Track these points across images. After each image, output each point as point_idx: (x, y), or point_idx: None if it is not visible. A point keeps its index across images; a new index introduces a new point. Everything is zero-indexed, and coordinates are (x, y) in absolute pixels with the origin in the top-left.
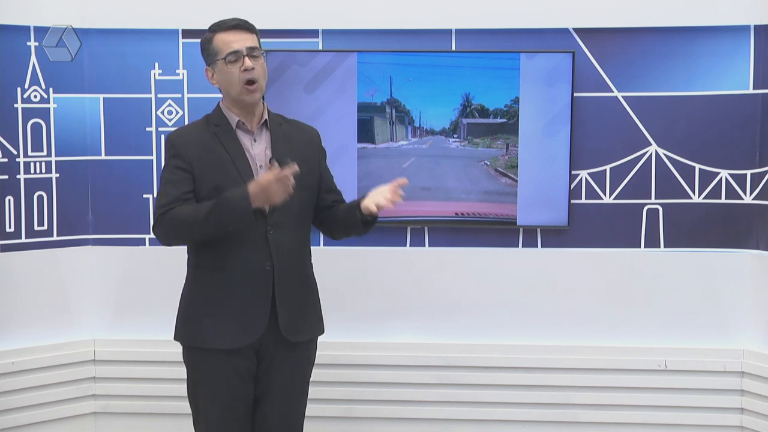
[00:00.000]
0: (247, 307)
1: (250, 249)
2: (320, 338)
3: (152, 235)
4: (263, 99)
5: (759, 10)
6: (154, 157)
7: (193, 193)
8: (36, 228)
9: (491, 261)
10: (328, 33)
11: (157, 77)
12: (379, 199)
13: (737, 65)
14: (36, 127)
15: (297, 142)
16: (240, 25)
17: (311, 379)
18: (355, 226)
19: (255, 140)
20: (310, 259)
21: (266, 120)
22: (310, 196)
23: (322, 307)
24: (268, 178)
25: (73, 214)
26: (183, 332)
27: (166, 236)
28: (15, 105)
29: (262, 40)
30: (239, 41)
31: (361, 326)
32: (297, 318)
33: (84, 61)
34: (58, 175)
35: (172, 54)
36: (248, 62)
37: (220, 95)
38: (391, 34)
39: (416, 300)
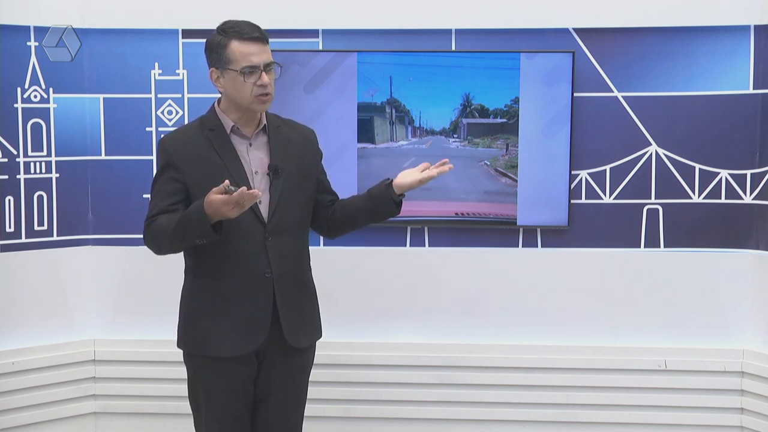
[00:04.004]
0: (249, 315)
1: (248, 256)
2: (321, 338)
3: None
4: None
5: (759, 10)
6: (154, 157)
7: (186, 202)
8: (36, 228)
9: (491, 261)
10: (328, 33)
11: (157, 77)
12: (413, 178)
13: (737, 65)
14: (36, 127)
15: (295, 146)
16: (260, 38)
17: (311, 379)
18: (384, 209)
19: (251, 145)
20: (309, 265)
21: (265, 125)
22: (308, 201)
23: (322, 308)
24: (218, 201)
25: (73, 214)
26: (186, 340)
27: (151, 247)
28: (15, 105)
29: None
30: (258, 55)
31: (361, 326)
32: (299, 324)
33: (84, 61)
34: (58, 175)
35: (172, 54)
36: (265, 78)
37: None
38: (391, 34)
39: (416, 300)
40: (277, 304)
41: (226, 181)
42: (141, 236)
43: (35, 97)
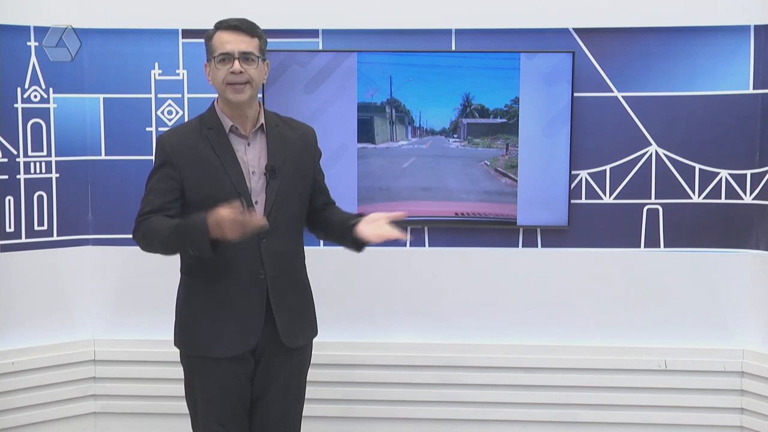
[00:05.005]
0: (243, 316)
1: (242, 257)
2: (320, 338)
3: None
4: (262, 103)
5: (759, 10)
6: (154, 157)
7: (181, 201)
8: (36, 228)
9: (491, 261)
10: (328, 33)
11: (157, 77)
12: (372, 232)
13: (737, 65)
14: (36, 127)
15: (293, 145)
16: (240, 27)
17: (310, 379)
18: (350, 245)
19: (249, 144)
20: (304, 263)
21: (262, 124)
22: (304, 201)
23: (322, 308)
24: (227, 215)
25: (73, 214)
26: (182, 340)
27: (141, 245)
28: (15, 105)
29: None
30: (234, 43)
31: (361, 326)
32: (294, 324)
33: (84, 61)
34: (58, 175)
35: (172, 54)
36: (237, 65)
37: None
38: (391, 34)
39: (416, 300)
40: (272, 305)
41: (238, 202)
42: None
43: (35, 97)
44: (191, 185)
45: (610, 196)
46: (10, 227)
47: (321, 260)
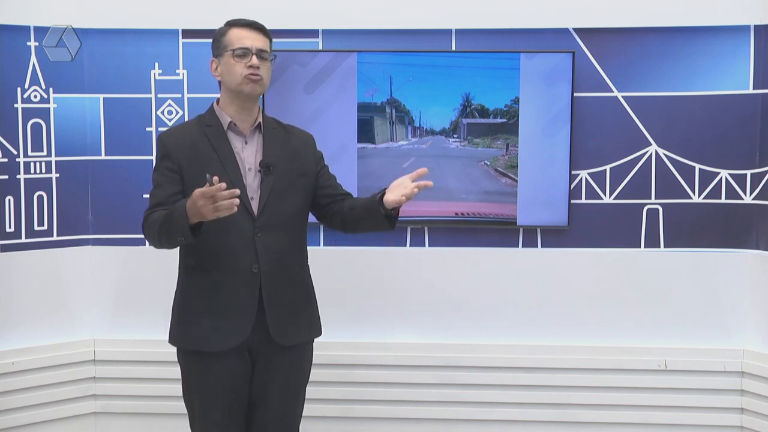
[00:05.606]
0: (235, 310)
1: (237, 251)
2: (320, 338)
3: None
4: (261, 104)
5: (759, 10)
6: (154, 157)
7: (183, 194)
8: (36, 228)
9: (491, 261)
10: (328, 33)
11: (157, 77)
12: (401, 190)
13: (737, 65)
14: (36, 127)
15: (291, 146)
16: (255, 26)
17: (311, 379)
18: (380, 222)
19: (246, 142)
20: (305, 261)
21: (260, 123)
22: (303, 199)
23: (322, 308)
24: (197, 191)
25: (73, 214)
26: (175, 335)
27: (147, 239)
28: (15, 105)
29: None
30: (251, 39)
31: (361, 326)
32: (288, 321)
33: (84, 61)
34: (58, 175)
35: (172, 54)
36: (255, 60)
37: (218, 96)
38: (391, 34)
39: (416, 300)
40: (264, 301)
41: (214, 177)
42: (141, 236)
43: (35, 97)
44: (188, 179)
45: (610, 196)
46: (10, 227)
47: (321, 260)
